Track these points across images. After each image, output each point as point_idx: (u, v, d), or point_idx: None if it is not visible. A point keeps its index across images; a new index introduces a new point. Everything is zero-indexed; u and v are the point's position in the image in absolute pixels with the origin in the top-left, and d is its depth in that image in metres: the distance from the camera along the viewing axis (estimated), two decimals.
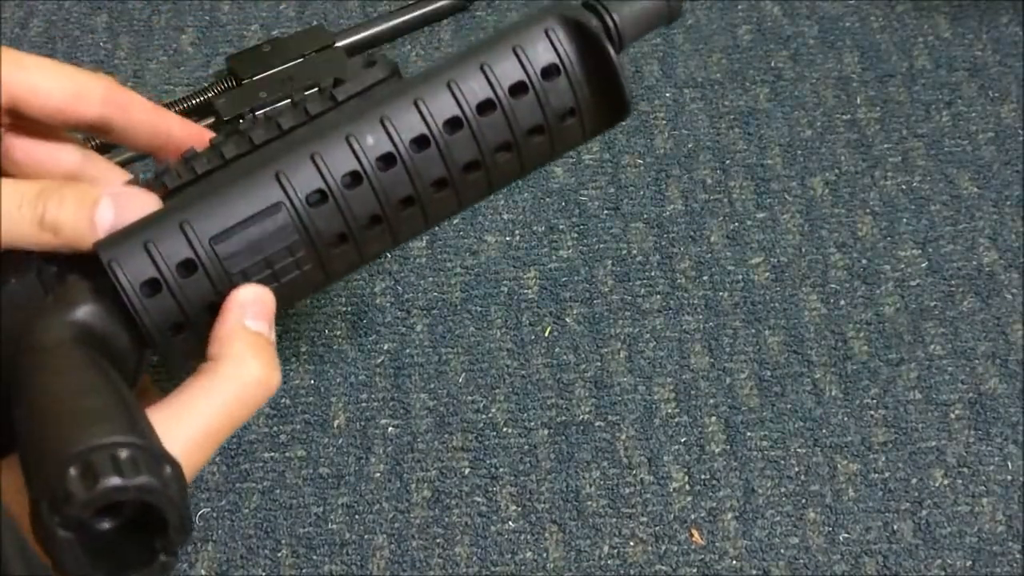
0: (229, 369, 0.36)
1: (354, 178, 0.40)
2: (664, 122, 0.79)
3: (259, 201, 0.39)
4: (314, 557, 0.62)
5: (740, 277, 0.71)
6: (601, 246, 0.73)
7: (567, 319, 0.70)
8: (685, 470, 0.64)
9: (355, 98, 0.42)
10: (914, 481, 0.64)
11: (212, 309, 0.39)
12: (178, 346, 0.39)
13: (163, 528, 0.31)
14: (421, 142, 0.40)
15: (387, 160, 0.40)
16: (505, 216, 0.74)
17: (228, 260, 0.38)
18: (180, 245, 0.38)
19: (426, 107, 0.40)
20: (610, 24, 0.45)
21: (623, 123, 0.50)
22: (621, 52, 0.45)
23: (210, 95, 0.77)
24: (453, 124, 0.41)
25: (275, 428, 0.66)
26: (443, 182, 0.41)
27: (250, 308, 0.38)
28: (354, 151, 0.40)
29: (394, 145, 0.40)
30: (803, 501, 0.63)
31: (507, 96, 0.41)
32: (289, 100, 0.44)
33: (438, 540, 0.62)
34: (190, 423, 0.35)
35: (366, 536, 0.62)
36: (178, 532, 0.31)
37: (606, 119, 0.44)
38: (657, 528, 0.62)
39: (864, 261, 0.72)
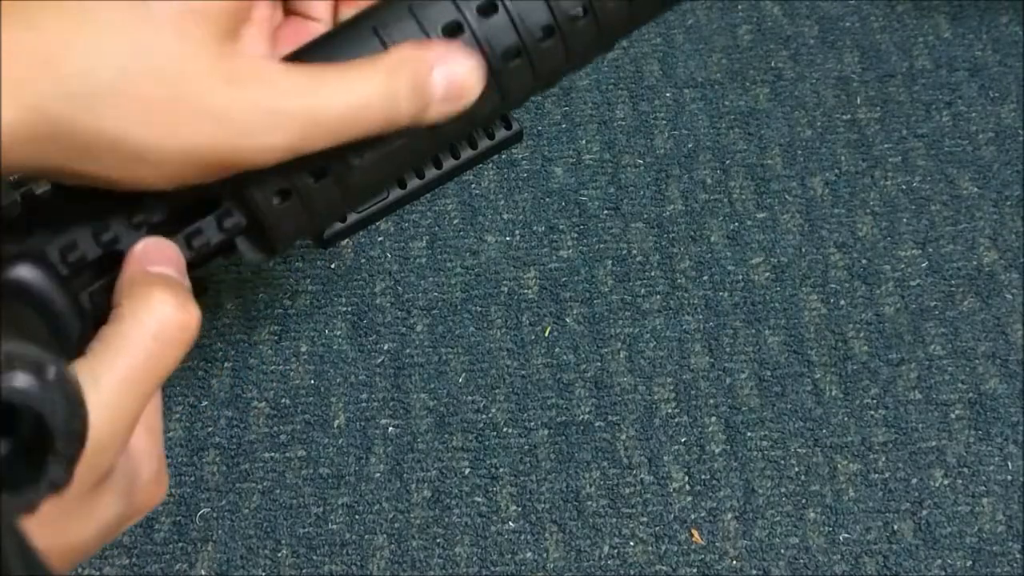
0: (134, 308, 0.35)
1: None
2: (664, 122, 0.79)
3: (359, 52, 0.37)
4: (314, 557, 0.62)
5: (740, 277, 0.71)
6: (601, 246, 0.73)
7: (567, 319, 0.70)
8: (685, 470, 0.64)
9: None
10: (914, 481, 0.64)
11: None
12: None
13: (51, 440, 0.30)
14: None
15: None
16: (505, 216, 0.74)
17: None
18: None
19: None
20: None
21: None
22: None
23: None
24: None
25: (275, 428, 0.66)
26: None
27: (151, 256, 0.36)
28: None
29: None
30: (803, 501, 0.63)
31: None
32: None
33: (438, 540, 0.62)
34: (111, 372, 0.34)
35: (366, 536, 0.62)
36: (65, 442, 0.30)
37: None
38: (657, 528, 0.62)
39: (864, 261, 0.72)
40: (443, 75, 0.35)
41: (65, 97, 0.29)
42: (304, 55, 0.35)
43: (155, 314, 0.35)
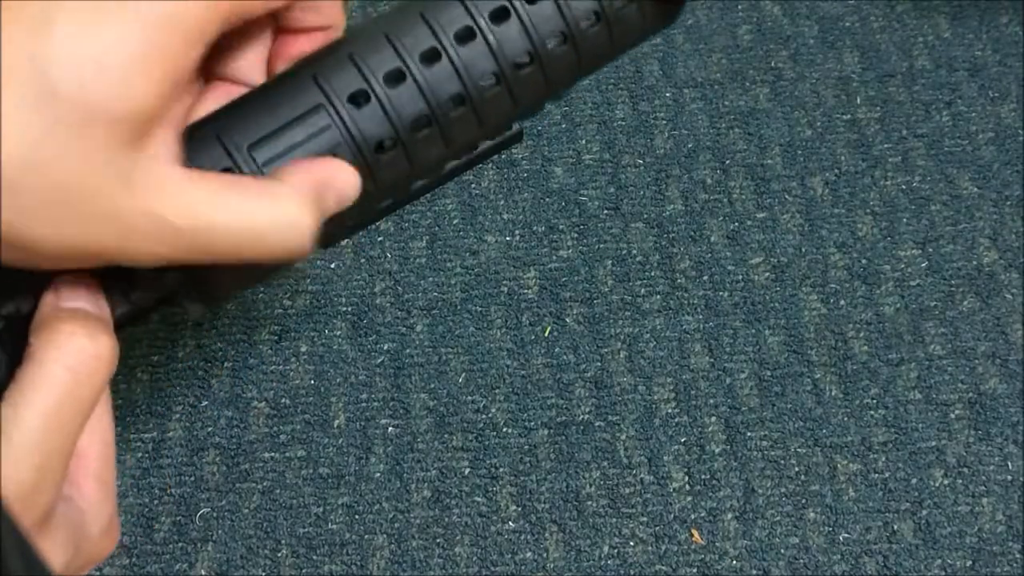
0: (44, 347, 0.35)
1: (397, 76, 0.36)
2: (664, 122, 0.79)
3: (300, 105, 0.37)
4: (314, 557, 0.62)
5: (740, 277, 0.71)
6: (601, 246, 0.73)
7: (567, 319, 0.70)
8: (685, 470, 0.64)
9: None
10: (914, 481, 0.64)
11: None
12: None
13: None
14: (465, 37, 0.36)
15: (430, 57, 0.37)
16: (505, 216, 0.74)
17: (266, 166, 0.36)
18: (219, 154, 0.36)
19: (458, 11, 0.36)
20: None
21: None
22: None
23: None
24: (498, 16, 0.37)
25: (275, 428, 0.66)
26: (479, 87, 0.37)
27: (63, 293, 0.36)
28: (396, 50, 0.37)
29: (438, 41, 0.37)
30: (803, 501, 0.63)
31: None
32: None
33: (438, 540, 0.62)
34: (30, 413, 0.33)
35: (366, 536, 0.62)
36: None
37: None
38: (657, 528, 0.62)
39: (864, 261, 0.72)
40: (341, 197, 0.35)
41: None
42: (238, 112, 0.35)
43: (65, 347, 0.34)
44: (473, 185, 0.75)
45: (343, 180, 0.35)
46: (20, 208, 0.29)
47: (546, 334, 0.69)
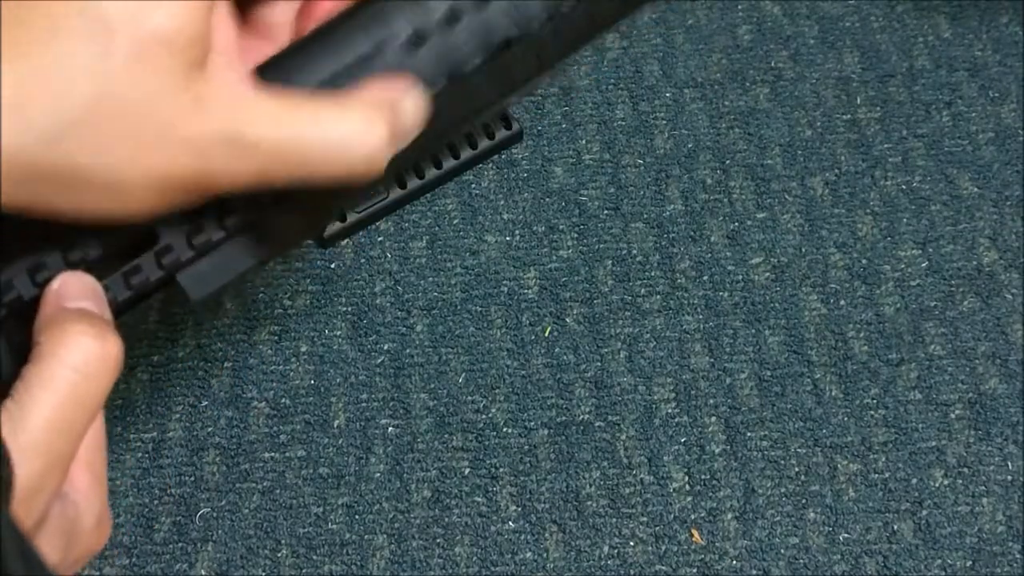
0: (52, 346, 0.34)
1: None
2: (664, 122, 0.79)
3: (362, 44, 0.36)
4: (314, 557, 0.62)
5: (740, 277, 0.71)
6: (601, 246, 0.73)
7: (567, 319, 0.70)
8: (685, 470, 0.64)
9: None
10: (914, 481, 0.64)
11: None
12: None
13: None
14: None
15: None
16: (505, 216, 0.74)
17: None
18: None
19: None
20: None
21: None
22: None
23: None
24: None
25: (275, 428, 0.66)
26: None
27: (67, 291, 0.36)
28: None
29: None
30: (803, 501, 0.63)
31: None
32: None
33: (438, 540, 0.62)
34: (36, 413, 0.33)
35: (366, 536, 0.62)
36: None
37: None
38: (657, 528, 0.62)
39: (864, 261, 0.72)
40: (410, 115, 0.35)
41: (35, 137, 0.29)
42: (300, 54, 0.35)
43: (74, 348, 0.34)
44: (473, 185, 0.75)
45: (412, 100, 0.35)
46: (101, 145, 0.30)
47: (546, 334, 0.69)
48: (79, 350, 0.35)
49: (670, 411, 0.66)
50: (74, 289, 0.36)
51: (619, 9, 0.39)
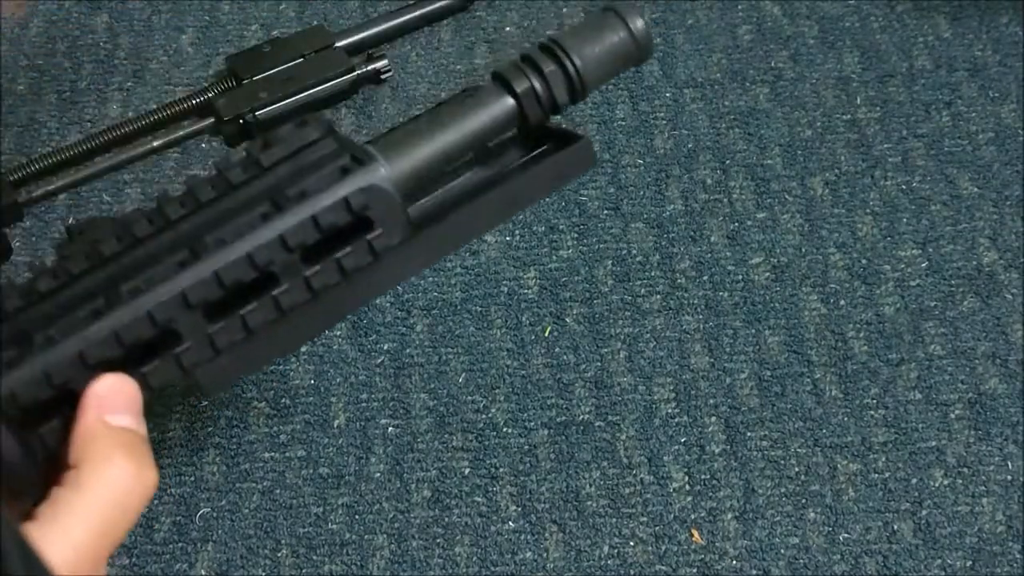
0: (95, 477, 0.33)
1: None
2: (664, 122, 0.79)
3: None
4: (314, 557, 0.62)
5: (740, 277, 0.71)
6: (601, 246, 0.73)
7: (567, 319, 0.70)
8: (685, 470, 0.64)
9: (283, 163, 0.40)
10: (914, 481, 0.64)
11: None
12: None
13: None
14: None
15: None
16: None
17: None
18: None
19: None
20: (571, 69, 0.43)
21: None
22: (585, 99, 0.44)
23: (210, 95, 0.77)
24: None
25: (275, 428, 0.66)
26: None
27: (110, 402, 0.35)
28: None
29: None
30: (803, 501, 0.63)
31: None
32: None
33: (438, 540, 0.62)
34: (65, 543, 0.32)
35: (366, 536, 0.62)
36: None
37: None
38: (657, 528, 0.62)
39: (864, 261, 0.72)
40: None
41: None
42: None
43: (115, 484, 0.34)
44: None
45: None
46: None
47: (546, 334, 0.69)
48: (119, 487, 0.34)
49: (670, 411, 0.66)
50: (116, 398, 0.35)
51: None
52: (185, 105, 0.77)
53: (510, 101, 0.43)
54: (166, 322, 0.37)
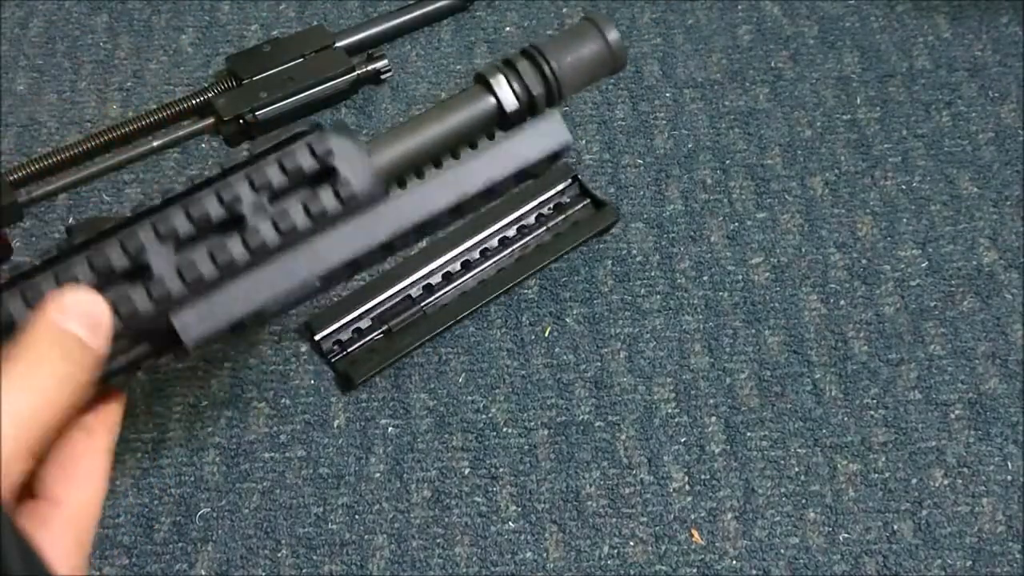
0: (28, 374, 0.34)
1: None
2: (664, 122, 0.79)
3: None
4: (314, 557, 0.62)
5: (740, 277, 0.71)
6: (601, 246, 0.73)
7: (567, 319, 0.70)
8: (685, 470, 0.64)
9: (272, 152, 0.42)
10: (914, 481, 0.64)
11: None
12: None
13: None
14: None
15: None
16: None
17: None
18: None
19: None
20: (547, 72, 0.46)
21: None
22: (560, 104, 0.47)
23: (210, 95, 0.77)
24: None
25: (275, 428, 0.66)
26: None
27: (67, 308, 0.36)
28: None
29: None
30: (803, 501, 0.63)
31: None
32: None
33: (438, 540, 0.62)
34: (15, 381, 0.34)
35: (366, 536, 0.62)
36: None
37: None
38: (657, 528, 0.62)
39: (864, 261, 0.72)
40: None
41: None
42: None
43: (44, 384, 0.34)
44: None
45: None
46: None
47: (546, 334, 0.69)
48: (48, 384, 0.34)
49: (670, 411, 0.66)
50: (76, 308, 0.36)
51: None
52: (185, 105, 0.77)
53: (491, 100, 0.46)
54: (136, 250, 0.39)
